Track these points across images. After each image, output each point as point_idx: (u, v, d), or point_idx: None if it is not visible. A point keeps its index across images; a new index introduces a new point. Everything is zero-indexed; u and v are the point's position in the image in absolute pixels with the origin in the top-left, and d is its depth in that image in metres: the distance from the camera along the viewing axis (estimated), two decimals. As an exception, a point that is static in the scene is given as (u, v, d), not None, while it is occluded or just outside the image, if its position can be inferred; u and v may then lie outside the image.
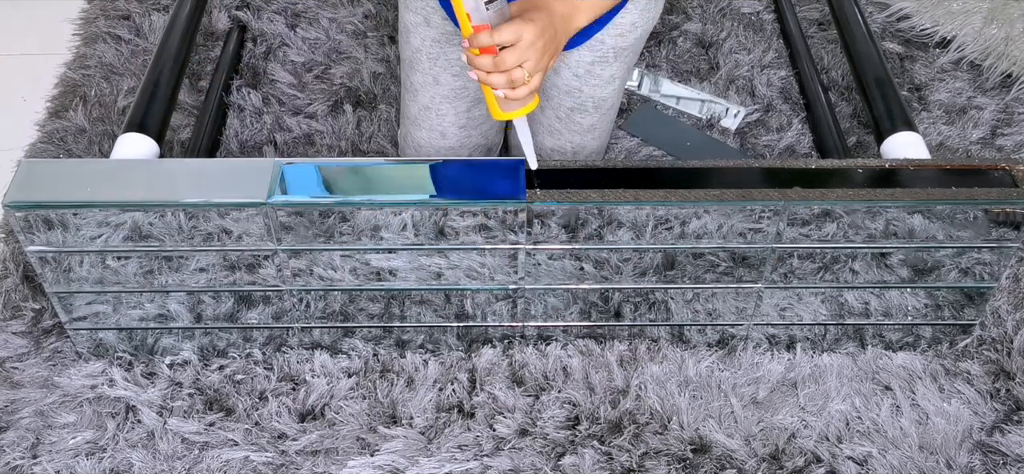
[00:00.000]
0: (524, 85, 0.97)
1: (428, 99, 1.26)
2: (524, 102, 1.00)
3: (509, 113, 1.01)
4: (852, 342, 1.24)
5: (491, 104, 1.02)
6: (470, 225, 1.07)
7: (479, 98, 1.27)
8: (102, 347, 1.20)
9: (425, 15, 1.18)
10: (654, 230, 1.08)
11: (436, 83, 1.24)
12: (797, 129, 1.57)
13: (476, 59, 0.96)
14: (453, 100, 1.26)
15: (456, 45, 1.20)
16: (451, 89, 1.24)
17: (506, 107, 1.01)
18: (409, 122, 1.33)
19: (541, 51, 0.97)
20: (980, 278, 1.16)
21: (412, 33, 1.22)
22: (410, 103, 1.30)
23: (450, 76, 1.23)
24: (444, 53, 1.21)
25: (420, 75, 1.25)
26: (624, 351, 1.22)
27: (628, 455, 1.12)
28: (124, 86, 1.63)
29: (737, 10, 1.81)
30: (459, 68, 1.23)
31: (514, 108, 1.01)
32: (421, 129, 1.30)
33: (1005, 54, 1.65)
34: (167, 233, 1.06)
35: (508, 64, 0.95)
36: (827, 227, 1.08)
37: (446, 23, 1.18)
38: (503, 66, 0.95)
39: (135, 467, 1.12)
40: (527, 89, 0.98)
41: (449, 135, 1.29)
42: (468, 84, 1.24)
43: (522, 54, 0.95)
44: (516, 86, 0.97)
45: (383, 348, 1.23)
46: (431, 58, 1.22)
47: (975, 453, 1.14)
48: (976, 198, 1.06)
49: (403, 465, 1.11)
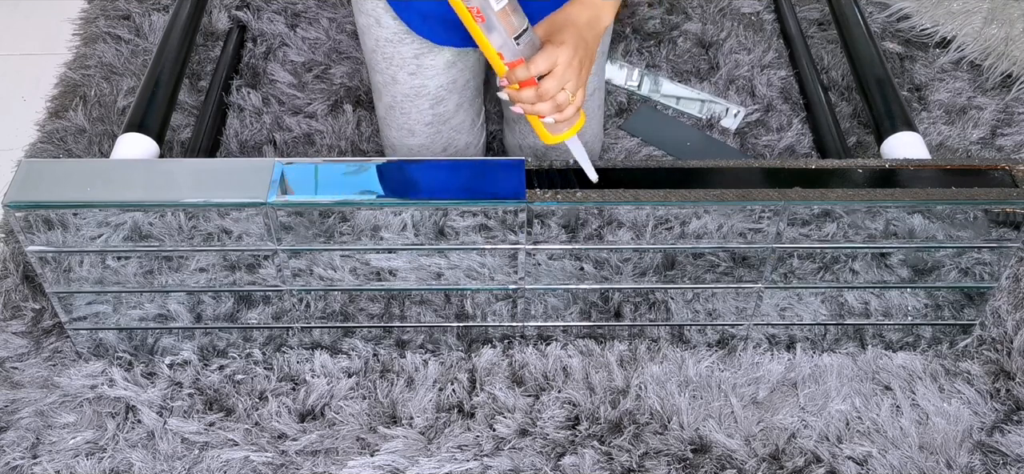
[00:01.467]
0: (569, 105, 0.98)
1: (390, 98, 1.25)
2: (572, 122, 1.01)
3: (560, 136, 1.02)
4: (852, 342, 1.24)
5: (540, 131, 1.02)
6: (470, 225, 1.07)
7: (441, 96, 1.25)
8: (102, 347, 1.20)
9: (376, 16, 1.17)
10: (654, 230, 1.08)
11: (395, 82, 1.23)
12: (797, 129, 1.57)
13: (518, 95, 0.97)
14: (414, 98, 1.24)
15: (408, 44, 1.18)
16: (410, 87, 1.23)
17: (555, 131, 1.02)
18: (380, 122, 1.32)
19: (578, 68, 0.97)
20: (980, 278, 1.16)
21: (366, 35, 1.21)
22: (377, 103, 1.30)
23: (407, 74, 1.21)
24: (397, 53, 1.19)
25: (379, 75, 1.24)
26: (624, 351, 1.22)
27: (628, 455, 1.12)
28: (124, 86, 1.63)
29: (737, 10, 1.81)
30: (415, 67, 1.21)
31: (563, 130, 1.02)
32: (391, 128, 1.30)
33: (1005, 54, 1.65)
34: (167, 233, 1.06)
35: (551, 92, 0.96)
36: (827, 227, 1.08)
37: (397, 22, 1.17)
38: (547, 96, 0.96)
39: (135, 467, 1.12)
40: (573, 109, 0.98)
41: (417, 132, 1.28)
42: (426, 82, 1.22)
43: (561, 78, 0.96)
44: (562, 109, 0.98)
45: (383, 348, 1.23)
46: (386, 58, 1.21)
47: (975, 453, 1.14)
48: (976, 198, 1.06)
49: (403, 465, 1.11)
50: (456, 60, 1.22)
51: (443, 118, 1.27)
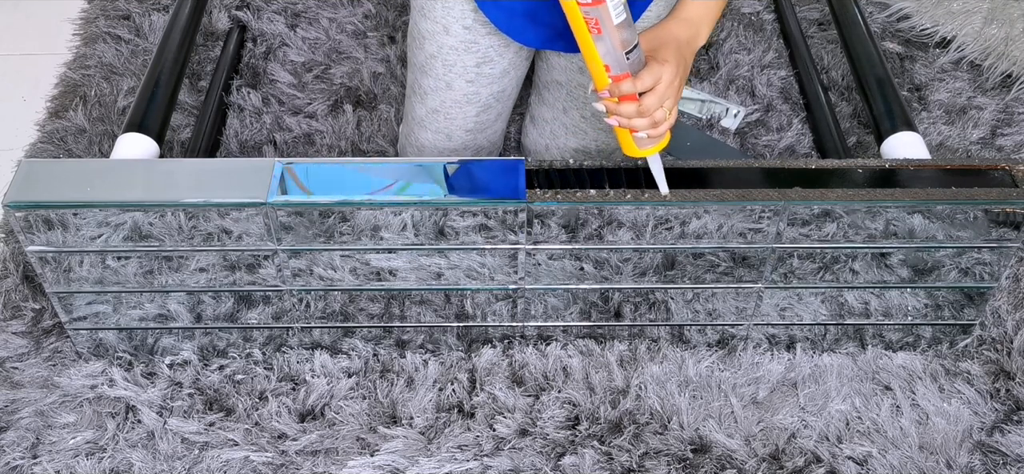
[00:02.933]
0: (665, 122, 0.98)
1: (438, 103, 1.26)
2: (660, 139, 1.02)
3: (646, 151, 1.02)
4: (852, 342, 1.24)
5: (626, 143, 1.02)
6: (470, 225, 1.07)
7: (490, 104, 1.27)
8: (102, 347, 1.20)
9: (444, 24, 1.18)
10: (654, 230, 1.08)
11: (449, 88, 1.24)
12: (797, 129, 1.57)
13: (617, 108, 0.97)
14: (463, 105, 1.26)
15: (473, 52, 1.20)
16: (463, 94, 1.25)
17: (644, 145, 1.02)
18: (414, 123, 1.32)
19: (679, 86, 0.98)
20: (980, 278, 1.16)
21: (427, 40, 1.22)
22: (417, 105, 1.30)
23: (464, 82, 1.23)
24: (460, 60, 1.21)
25: (432, 80, 1.25)
26: (624, 351, 1.22)
27: (628, 455, 1.12)
28: (124, 86, 1.63)
29: (737, 10, 1.81)
30: (474, 75, 1.23)
31: (651, 145, 1.02)
32: (427, 131, 1.31)
33: (1005, 54, 1.65)
34: (167, 233, 1.06)
35: (652, 109, 0.96)
36: (827, 227, 1.08)
37: (467, 33, 1.18)
38: (647, 113, 0.97)
39: (135, 467, 1.12)
40: (667, 126, 0.99)
41: (455, 138, 1.30)
42: (480, 90, 1.25)
43: (662, 96, 0.96)
44: (659, 126, 0.99)
45: (383, 348, 1.23)
46: (446, 65, 1.22)
47: (975, 453, 1.14)
48: (976, 198, 1.06)
49: (403, 465, 1.11)
50: (510, 69, 1.24)
51: (483, 125, 1.30)
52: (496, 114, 1.30)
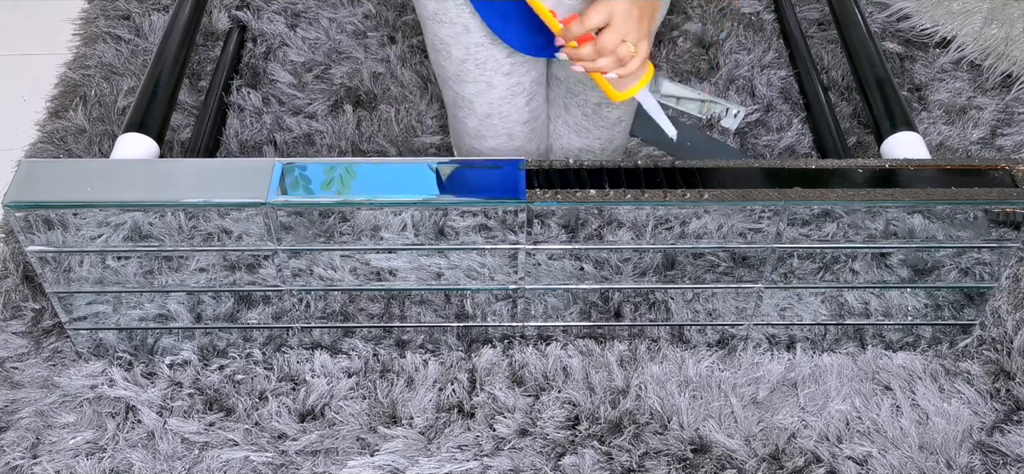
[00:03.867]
0: (633, 58, 0.94)
1: (486, 106, 1.22)
2: (639, 75, 0.98)
3: (627, 91, 0.99)
4: (852, 342, 1.24)
5: (606, 89, 0.99)
6: (470, 225, 1.07)
7: (535, 91, 1.23)
8: (102, 347, 1.20)
9: (463, 23, 1.14)
10: (654, 230, 1.08)
11: (490, 87, 1.20)
12: (797, 129, 1.57)
13: (576, 51, 0.94)
14: (511, 99, 1.21)
15: (501, 45, 1.16)
16: (507, 87, 1.20)
17: (621, 87, 0.98)
18: (471, 137, 1.27)
19: (638, 18, 0.93)
20: (980, 278, 1.16)
21: (453, 45, 1.17)
22: (467, 118, 1.25)
23: (502, 76, 1.19)
24: (491, 55, 1.17)
25: (471, 86, 1.20)
26: (624, 351, 1.22)
27: (628, 455, 1.12)
28: (124, 86, 1.63)
29: (737, 10, 1.81)
30: (509, 66, 1.18)
31: (631, 85, 0.98)
32: (487, 140, 1.26)
33: (1005, 54, 1.65)
34: (167, 233, 1.06)
35: (610, 45, 0.92)
36: (827, 227, 1.08)
37: (486, 26, 1.15)
38: (606, 50, 0.92)
39: (135, 467, 1.12)
40: (637, 61, 0.95)
41: (516, 135, 1.26)
42: (522, 79, 1.20)
43: (620, 30, 0.92)
44: (626, 63, 0.94)
45: (383, 348, 1.23)
46: (479, 64, 1.18)
47: (975, 453, 1.14)
48: (976, 198, 1.06)
49: (403, 465, 1.11)
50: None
51: (536, 114, 1.26)
52: (542, 99, 1.26)
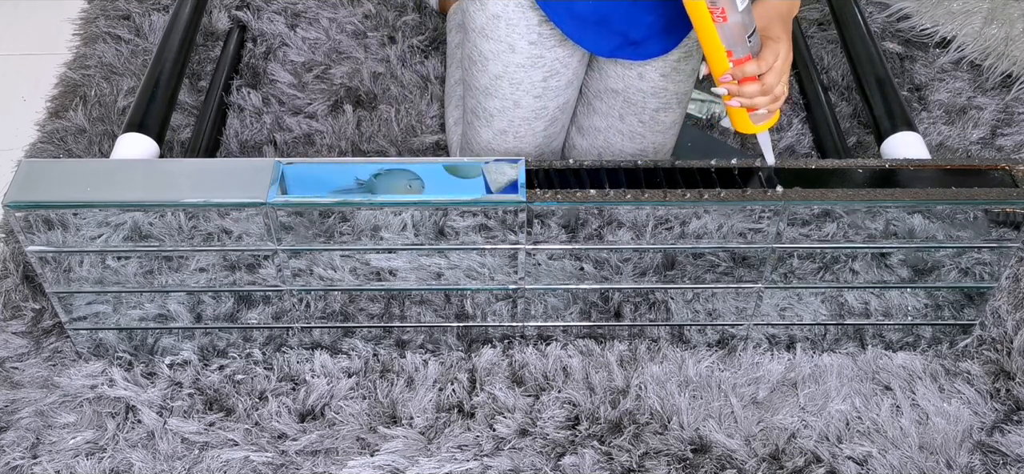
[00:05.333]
0: (782, 98, 1.01)
1: (506, 123, 1.25)
2: (774, 114, 1.05)
3: (763, 125, 1.05)
4: (852, 342, 1.24)
5: (742, 121, 1.05)
6: (470, 225, 1.07)
7: (556, 117, 1.26)
8: (102, 347, 1.20)
9: (510, 42, 1.17)
10: (654, 230, 1.08)
11: (516, 107, 1.23)
12: (797, 129, 1.57)
13: (740, 89, 1.00)
14: (532, 121, 1.24)
15: (539, 67, 1.19)
16: (532, 110, 1.23)
17: (760, 121, 1.05)
18: (481, 148, 1.30)
19: (788, 61, 1.01)
20: (980, 278, 1.16)
21: (491, 61, 1.20)
22: (482, 129, 1.28)
23: (532, 98, 1.22)
24: (527, 77, 1.20)
25: (499, 101, 1.23)
26: (624, 351, 1.22)
27: (628, 455, 1.12)
28: (124, 86, 1.63)
29: (737, 10, 1.81)
30: (541, 90, 1.21)
31: (767, 120, 1.05)
32: (494, 154, 1.28)
33: (1005, 54, 1.65)
34: (167, 233, 1.06)
35: (774, 86, 0.99)
36: (827, 227, 1.08)
37: (533, 48, 1.17)
38: (770, 90, 1.00)
39: (135, 467, 1.12)
40: (783, 99, 1.02)
41: (524, 153, 1.28)
42: (548, 104, 1.23)
43: (781, 72, 0.99)
44: (778, 101, 1.02)
45: (383, 348, 1.23)
46: (514, 83, 1.20)
47: (975, 453, 1.14)
48: (976, 198, 1.06)
49: (403, 465, 1.11)
50: (574, 80, 1.24)
51: (550, 139, 1.29)
52: (561, 127, 1.30)
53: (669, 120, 1.28)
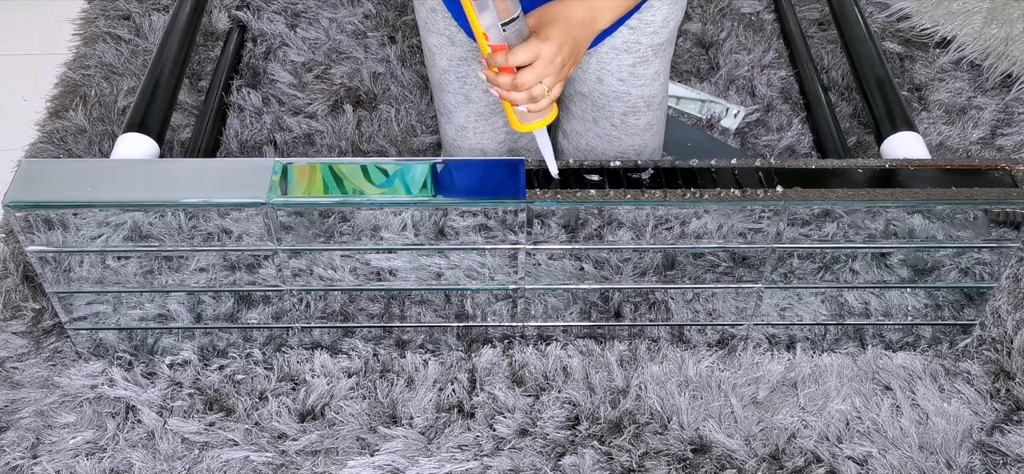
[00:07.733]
0: (544, 99, 0.98)
1: (463, 119, 1.24)
2: (544, 114, 1.01)
3: (530, 125, 1.02)
4: (852, 342, 1.24)
5: (511, 116, 1.02)
6: (470, 225, 1.07)
7: None
8: (102, 347, 1.20)
9: (449, 35, 1.16)
10: (654, 230, 1.08)
11: (468, 101, 1.22)
12: (797, 129, 1.57)
13: (495, 78, 0.97)
14: (488, 117, 1.23)
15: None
16: (485, 105, 1.22)
17: (526, 120, 1.02)
18: (448, 146, 1.30)
19: (560, 66, 0.97)
20: (980, 278, 1.16)
21: (437, 55, 1.19)
22: (446, 126, 1.27)
23: (481, 92, 1.21)
24: (472, 71, 1.19)
25: (451, 96, 1.22)
26: (624, 351, 1.22)
27: (628, 455, 1.12)
28: (124, 86, 1.63)
29: (737, 10, 1.81)
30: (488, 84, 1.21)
31: (534, 120, 1.02)
32: (461, 151, 1.28)
33: (1005, 54, 1.65)
34: (167, 233, 1.06)
35: (527, 84, 0.96)
36: (827, 227, 1.08)
37: (471, 41, 1.16)
38: (523, 87, 0.96)
39: (135, 467, 1.12)
40: (547, 101, 0.98)
41: (490, 153, 1.27)
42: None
43: (540, 73, 0.96)
44: (536, 101, 0.98)
45: (383, 348, 1.23)
46: (460, 77, 1.19)
47: (975, 453, 1.14)
48: (976, 198, 1.06)
49: (403, 465, 1.11)
50: None
51: (516, 135, 1.27)
52: None
53: (641, 123, 1.26)
